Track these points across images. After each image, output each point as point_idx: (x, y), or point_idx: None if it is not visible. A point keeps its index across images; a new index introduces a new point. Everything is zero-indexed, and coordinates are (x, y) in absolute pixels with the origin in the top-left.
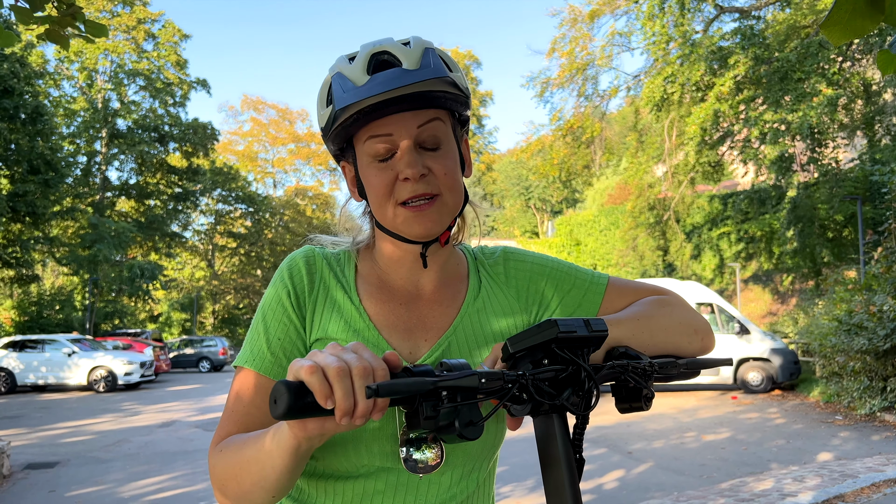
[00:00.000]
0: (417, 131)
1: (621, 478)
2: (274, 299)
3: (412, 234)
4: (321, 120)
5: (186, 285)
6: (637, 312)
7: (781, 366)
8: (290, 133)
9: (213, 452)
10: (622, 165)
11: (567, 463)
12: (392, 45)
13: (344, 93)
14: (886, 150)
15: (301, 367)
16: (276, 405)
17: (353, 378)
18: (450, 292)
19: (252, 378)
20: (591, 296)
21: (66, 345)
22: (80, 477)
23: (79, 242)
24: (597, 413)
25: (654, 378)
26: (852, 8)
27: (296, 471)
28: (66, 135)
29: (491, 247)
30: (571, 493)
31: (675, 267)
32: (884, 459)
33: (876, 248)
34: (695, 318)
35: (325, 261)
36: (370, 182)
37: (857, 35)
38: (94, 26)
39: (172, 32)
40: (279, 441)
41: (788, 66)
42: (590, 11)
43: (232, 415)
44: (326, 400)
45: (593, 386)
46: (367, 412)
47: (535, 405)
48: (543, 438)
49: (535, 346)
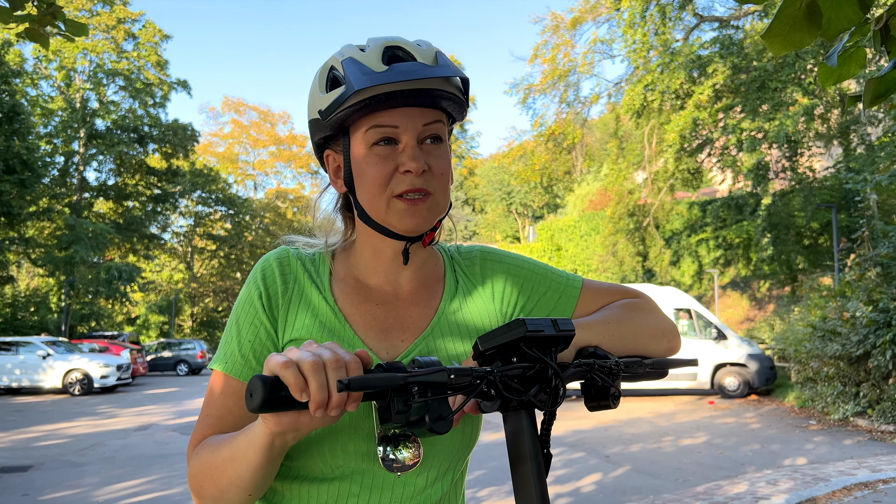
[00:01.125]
0: (423, 128)
1: (598, 481)
2: (246, 301)
3: (402, 227)
4: (320, 103)
5: (165, 288)
6: (607, 316)
7: (758, 371)
8: (271, 135)
9: (190, 455)
10: (603, 171)
11: (535, 458)
12: (405, 41)
13: (363, 75)
14: (860, 159)
15: (276, 361)
16: (251, 399)
17: (327, 372)
18: (427, 293)
19: (223, 381)
20: (567, 298)
21: (41, 347)
22: (53, 480)
23: (55, 243)
24: (575, 417)
25: (620, 377)
26: (792, 22)
27: (271, 468)
28: (43, 134)
29: (467, 246)
30: (538, 486)
31: (654, 273)
32: (855, 463)
33: (850, 255)
34: (662, 321)
35: (300, 261)
36: (366, 172)
37: (796, 47)
38: (74, 25)
39: (153, 32)
40: (254, 438)
41: (766, 76)
42: (572, 19)
43: (206, 418)
44: (301, 393)
45: (560, 383)
46: (340, 404)
47: (504, 401)
48: (512, 434)
49: (504, 345)
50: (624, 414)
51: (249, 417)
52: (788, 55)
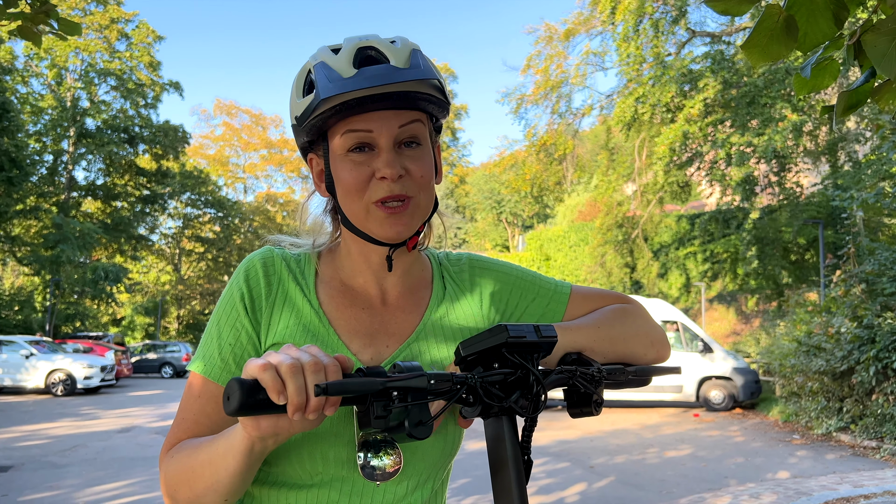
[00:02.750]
0: (399, 131)
1: (582, 492)
2: (228, 303)
3: (383, 235)
4: (296, 109)
5: (151, 289)
6: (597, 319)
7: (743, 385)
8: (262, 139)
9: (164, 458)
10: (593, 183)
11: (515, 464)
12: (379, 41)
13: (329, 83)
14: (847, 176)
15: (255, 364)
16: (228, 402)
17: (305, 375)
18: (413, 298)
19: (201, 384)
20: (555, 304)
21: (24, 346)
22: (34, 482)
23: (41, 242)
24: (560, 427)
25: (603, 384)
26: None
27: (249, 473)
28: (32, 132)
29: (456, 253)
30: (518, 492)
31: (641, 284)
32: (838, 478)
33: (835, 271)
34: (653, 329)
35: (285, 262)
36: (342, 177)
37: (773, 58)
38: (67, 24)
39: (146, 33)
40: (233, 442)
41: (756, 91)
42: (565, 30)
43: (182, 422)
44: (279, 395)
45: (541, 390)
46: (319, 407)
47: (485, 407)
48: (493, 439)
49: (486, 350)
50: (609, 425)
51: (227, 422)
52: (778, 72)
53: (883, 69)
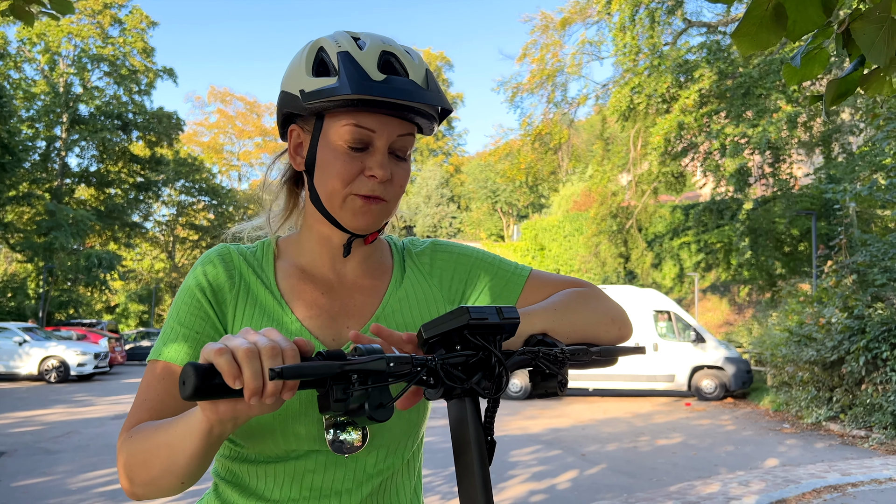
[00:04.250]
0: (397, 139)
1: (574, 479)
2: (188, 294)
3: (353, 224)
4: (304, 83)
5: (145, 277)
6: (556, 302)
7: (734, 374)
8: (257, 126)
9: (122, 440)
10: (588, 173)
11: (478, 445)
12: (398, 49)
13: (361, 81)
14: (840, 167)
15: (211, 349)
16: (184, 386)
17: (262, 359)
18: (373, 281)
19: (165, 368)
20: (511, 286)
21: (17, 333)
22: (26, 467)
23: (34, 229)
24: (552, 416)
25: (567, 365)
26: (759, 23)
27: (206, 456)
28: (25, 118)
29: (421, 239)
30: (481, 474)
31: (635, 274)
32: (826, 466)
33: (827, 262)
34: (612, 308)
35: (242, 256)
36: (333, 164)
37: (762, 47)
38: (60, 3)
39: (140, 19)
40: (191, 425)
41: (751, 82)
42: (561, 19)
43: (144, 403)
44: (234, 380)
45: (503, 371)
46: (275, 392)
47: (447, 389)
48: (456, 421)
49: (448, 332)
50: (601, 414)
51: (186, 406)
52: (773, 63)
53: (872, 57)
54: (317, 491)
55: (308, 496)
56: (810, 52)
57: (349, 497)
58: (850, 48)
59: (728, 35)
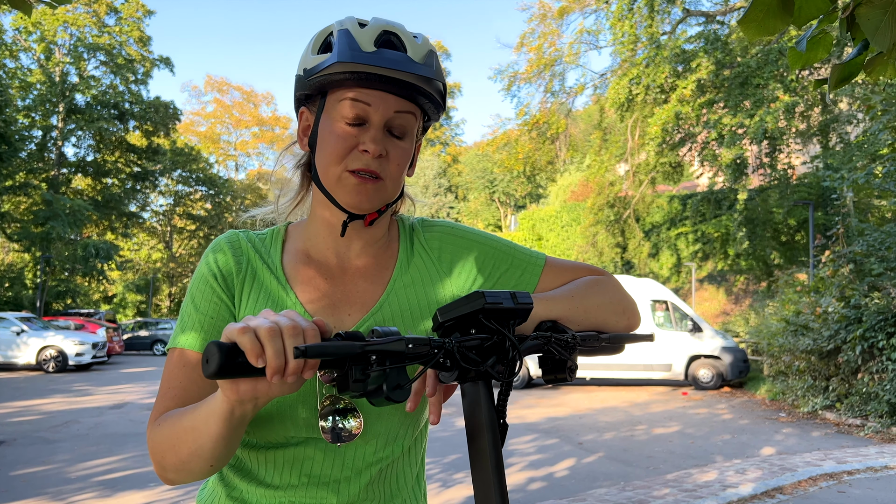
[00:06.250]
0: (393, 115)
1: (571, 467)
2: (202, 282)
3: (347, 202)
4: (308, 62)
5: (143, 267)
6: (571, 290)
7: (731, 364)
8: (254, 116)
9: (151, 428)
10: (586, 163)
11: (491, 428)
12: (403, 31)
13: (350, 50)
14: (838, 157)
15: (234, 328)
16: (207, 364)
17: (284, 338)
18: (377, 267)
19: (186, 355)
20: (529, 275)
21: (15, 323)
22: (26, 456)
23: (31, 219)
24: (550, 405)
25: (577, 351)
26: (766, 9)
27: (232, 438)
28: (21, 108)
29: (432, 220)
30: (494, 456)
31: (633, 264)
32: (822, 455)
33: (824, 251)
34: (624, 298)
35: (250, 243)
36: (329, 139)
37: (769, 33)
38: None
39: (136, 8)
40: (213, 408)
41: (749, 72)
42: (559, 8)
43: (168, 391)
44: (258, 358)
45: (517, 355)
46: (297, 370)
47: (462, 372)
48: (470, 404)
49: (463, 317)
50: (599, 403)
51: (210, 391)
52: (771, 52)
53: (876, 42)
54: (315, 478)
55: (307, 483)
56: (815, 36)
57: (348, 485)
58: (854, 33)
59: (726, 25)
